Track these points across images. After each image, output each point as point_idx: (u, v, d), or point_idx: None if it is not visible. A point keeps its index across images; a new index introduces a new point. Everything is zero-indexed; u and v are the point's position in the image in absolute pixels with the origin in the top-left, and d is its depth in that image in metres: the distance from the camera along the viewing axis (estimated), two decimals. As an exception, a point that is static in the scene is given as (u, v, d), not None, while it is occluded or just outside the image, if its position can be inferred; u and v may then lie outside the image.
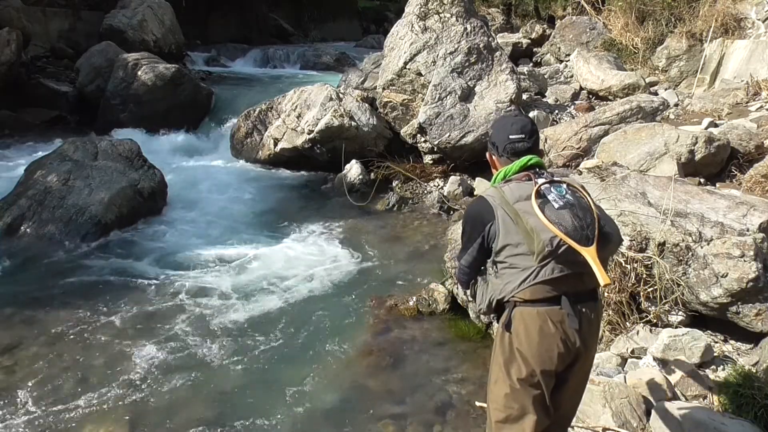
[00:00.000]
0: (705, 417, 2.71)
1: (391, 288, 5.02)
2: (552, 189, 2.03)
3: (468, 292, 2.34)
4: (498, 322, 2.15)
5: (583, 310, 2.01)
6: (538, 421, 2.01)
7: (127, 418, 3.40)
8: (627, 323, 3.72)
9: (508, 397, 2.04)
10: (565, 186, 2.06)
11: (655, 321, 3.71)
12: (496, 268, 2.08)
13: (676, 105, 7.68)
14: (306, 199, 7.34)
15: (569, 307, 1.97)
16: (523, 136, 2.17)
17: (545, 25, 14.07)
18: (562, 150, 6.52)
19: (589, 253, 1.92)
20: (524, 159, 2.14)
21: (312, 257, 5.59)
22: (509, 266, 2.03)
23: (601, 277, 1.89)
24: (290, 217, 6.71)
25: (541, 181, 2.05)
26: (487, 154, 2.33)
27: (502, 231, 2.02)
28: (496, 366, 2.10)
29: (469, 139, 7.22)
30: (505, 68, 7.66)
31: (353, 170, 7.51)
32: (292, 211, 6.88)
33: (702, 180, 5.28)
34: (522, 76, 8.62)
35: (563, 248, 1.93)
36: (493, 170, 2.30)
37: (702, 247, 3.60)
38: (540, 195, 2.01)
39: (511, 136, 2.17)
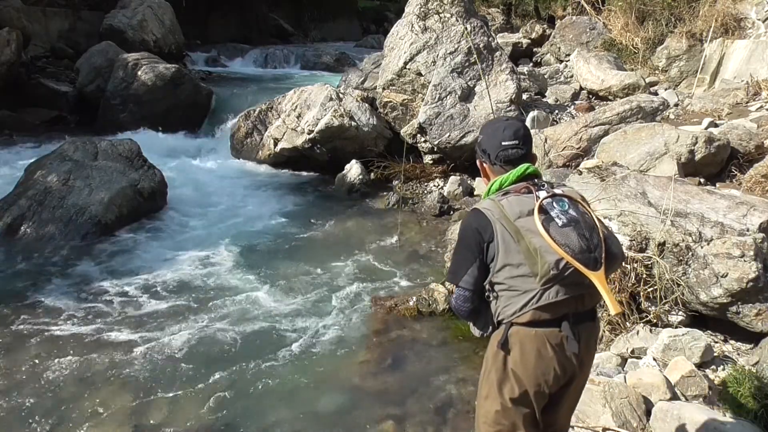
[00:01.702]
0: (705, 417, 2.71)
1: (391, 288, 5.02)
2: (554, 204, 1.88)
3: (470, 321, 2.10)
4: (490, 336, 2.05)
5: (582, 331, 1.91)
6: None
7: (128, 418, 3.40)
8: (627, 323, 3.73)
9: (498, 414, 1.97)
10: (567, 200, 1.91)
11: (655, 321, 3.71)
12: (494, 289, 1.94)
13: (676, 105, 7.68)
14: (306, 199, 7.34)
15: (569, 330, 1.87)
16: (517, 141, 2.00)
17: (545, 25, 14.08)
18: (562, 150, 6.52)
19: (598, 279, 1.80)
20: (521, 168, 1.98)
21: (312, 257, 5.60)
22: (508, 288, 1.89)
23: (612, 307, 1.78)
24: (290, 217, 6.72)
25: (542, 194, 1.89)
26: (477, 162, 2.17)
27: (502, 249, 1.86)
28: (488, 382, 2.00)
29: (469, 139, 7.22)
30: (505, 68, 7.65)
31: (353, 170, 7.51)
32: (292, 212, 6.88)
33: (702, 180, 5.28)
34: (522, 76, 8.62)
35: (569, 271, 1.81)
36: (484, 179, 2.15)
37: (702, 247, 3.60)
38: (542, 211, 1.85)
39: (503, 143, 2.00)
